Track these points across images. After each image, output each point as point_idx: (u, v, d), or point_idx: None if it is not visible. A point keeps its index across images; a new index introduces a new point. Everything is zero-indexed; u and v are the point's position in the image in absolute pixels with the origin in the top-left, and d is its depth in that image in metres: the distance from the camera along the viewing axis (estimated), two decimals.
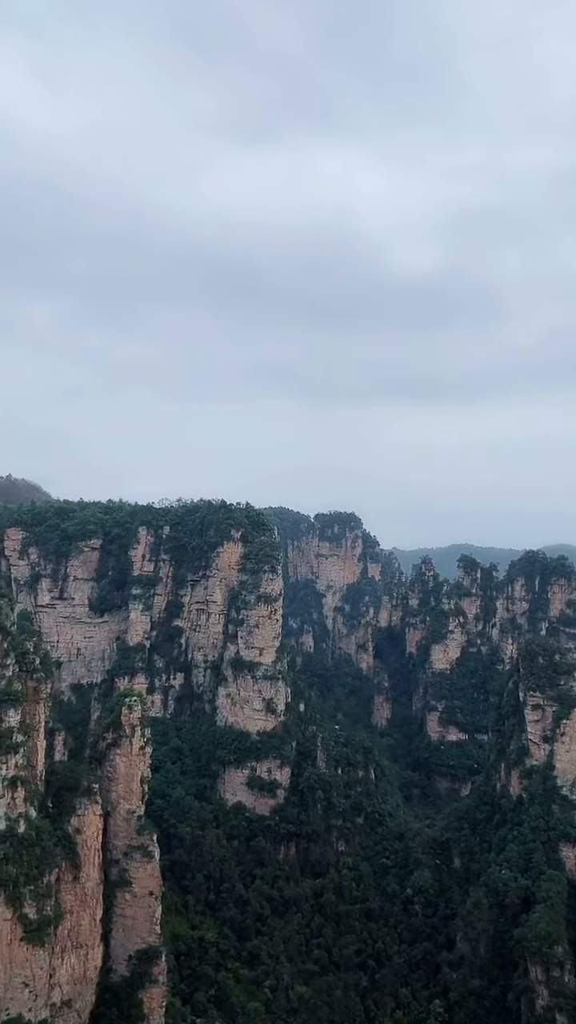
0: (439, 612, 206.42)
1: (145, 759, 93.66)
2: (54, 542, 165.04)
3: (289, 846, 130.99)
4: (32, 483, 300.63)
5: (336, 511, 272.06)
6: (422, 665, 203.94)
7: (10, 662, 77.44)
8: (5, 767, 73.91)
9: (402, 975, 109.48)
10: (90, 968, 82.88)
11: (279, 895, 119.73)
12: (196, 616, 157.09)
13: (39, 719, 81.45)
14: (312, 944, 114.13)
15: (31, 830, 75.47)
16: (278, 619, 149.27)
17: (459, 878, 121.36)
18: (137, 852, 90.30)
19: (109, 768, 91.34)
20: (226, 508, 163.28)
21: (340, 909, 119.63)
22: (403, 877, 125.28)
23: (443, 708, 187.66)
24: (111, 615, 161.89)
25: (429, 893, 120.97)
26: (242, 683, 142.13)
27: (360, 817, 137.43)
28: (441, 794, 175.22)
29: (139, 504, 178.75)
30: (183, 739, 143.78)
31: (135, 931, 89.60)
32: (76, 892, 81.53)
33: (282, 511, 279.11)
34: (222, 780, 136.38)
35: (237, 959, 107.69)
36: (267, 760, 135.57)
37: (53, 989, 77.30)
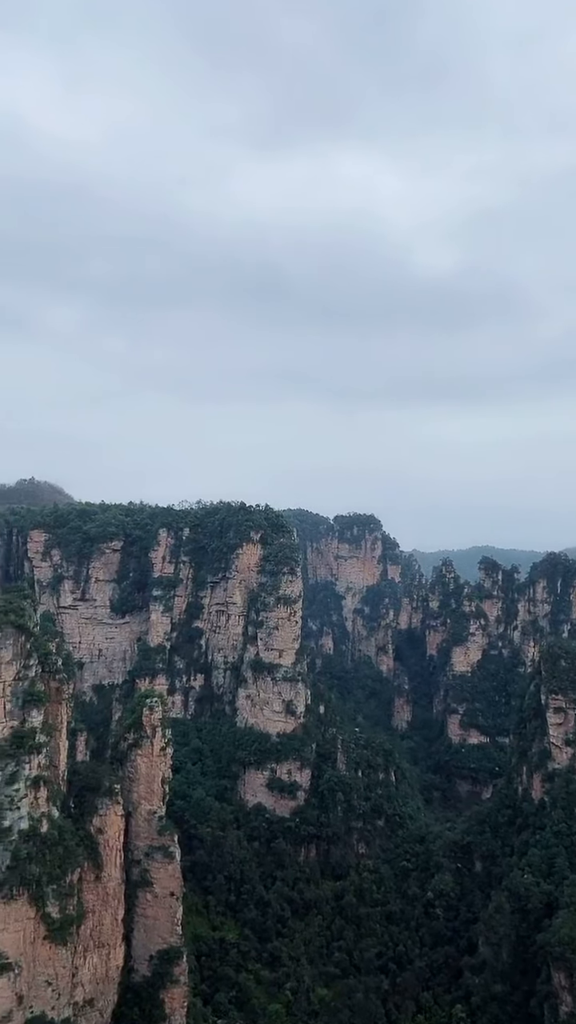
0: (460, 614, 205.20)
1: (166, 760, 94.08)
2: (76, 544, 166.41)
3: (309, 848, 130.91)
4: (54, 485, 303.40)
5: (355, 513, 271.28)
6: (443, 668, 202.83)
7: (33, 663, 78.15)
8: (28, 767, 74.59)
9: (423, 979, 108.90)
10: (112, 968, 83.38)
11: (299, 897, 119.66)
12: (216, 618, 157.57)
13: (61, 719, 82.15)
14: (333, 947, 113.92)
15: (54, 830, 76.15)
16: (297, 621, 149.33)
17: (480, 882, 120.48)
18: (158, 853, 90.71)
19: (130, 768, 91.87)
20: (245, 510, 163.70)
21: (361, 912, 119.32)
22: (424, 880, 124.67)
23: (464, 711, 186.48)
24: (132, 616, 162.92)
25: (450, 897, 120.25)
26: (262, 685, 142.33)
27: (380, 820, 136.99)
28: (462, 797, 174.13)
29: (159, 506, 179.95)
30: (203, 740, 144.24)
31: (156, 931, 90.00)
32: (98, 892, 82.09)
33: (301, 513, 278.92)
34: (242, 781, 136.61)
35: (258, 960, 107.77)
36: (287, 762, 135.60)
37: (76, 988, 77.88)
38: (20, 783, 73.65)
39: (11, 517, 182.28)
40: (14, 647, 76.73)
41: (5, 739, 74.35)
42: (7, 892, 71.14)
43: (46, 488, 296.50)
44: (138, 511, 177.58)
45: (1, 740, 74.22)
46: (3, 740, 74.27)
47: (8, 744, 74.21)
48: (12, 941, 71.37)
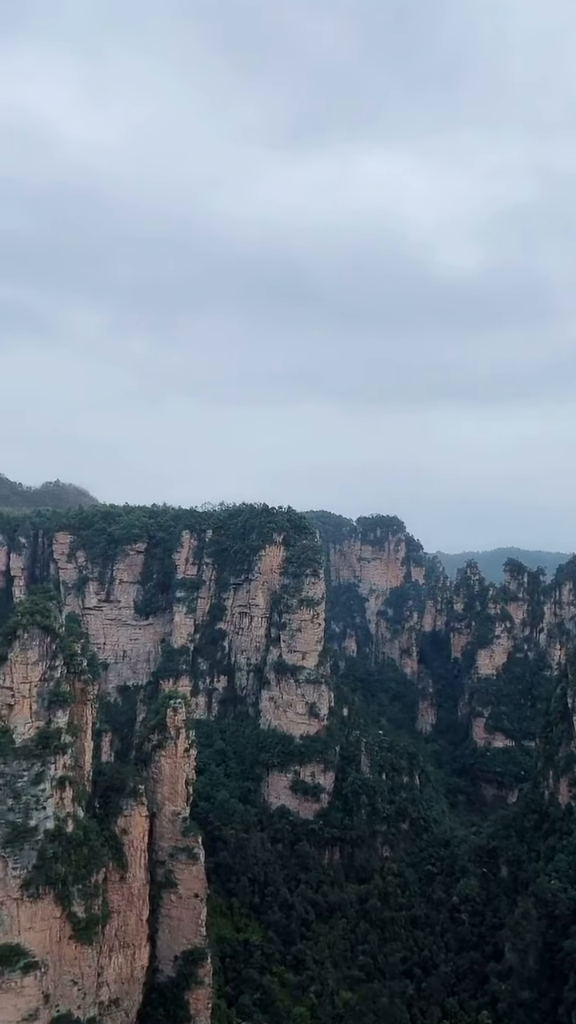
0: (485, 617, 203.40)
1: (190, 761, 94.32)
2: (101, 546, 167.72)
3: (333, 851, 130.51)
4: (79, 488, 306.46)
5: (378, 514, 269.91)
6: (467, 670, 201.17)
7: (59, 664, 78.79)
8: (54, 767, 75.18)
9: (449, 984, 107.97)
10: (137, 968, 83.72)
11: (324, 900, 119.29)
12: (239, 619, 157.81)
13: (86, 720, 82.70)
14: (357, 950, 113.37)
15: (79, 830, 76.65)
16: (320, 623, 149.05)
17: (506, 887, 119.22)
18: (182, 854, 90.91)
19: (155, 769, 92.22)
20: (268, 512, 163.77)
21: (385, 915, 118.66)
22: (449, 885, 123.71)
23: (489, 714, 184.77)
24: (156, 618, 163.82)
25: (476, 902, 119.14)
26: (285, 687, 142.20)
27: (405, 823, 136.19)
28: (487, 801, 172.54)
29: (182, 508, 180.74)
30: (227, 742, 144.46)
31: (181, 932, 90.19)
32: (123, 892, 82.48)
33: (324, 515, 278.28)
34: (266, 783, 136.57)
35: (282, 963, 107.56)
36: (311, 764, 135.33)
37: (101, 987, 78.28)
38: (46, 783, 74.27)
39: (37, 519, 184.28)
40: (40, 648, 77.44)
41: (31, 739, 75.01)
42: (33, 891, 71.74)
43: (71, 490, 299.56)
44: (161, 513, 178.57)
45: (27, 740, 74.90)
46: (29, 740, 74.95)
47: (34, 744, 74.86)
48: (38, 940, 71.96)
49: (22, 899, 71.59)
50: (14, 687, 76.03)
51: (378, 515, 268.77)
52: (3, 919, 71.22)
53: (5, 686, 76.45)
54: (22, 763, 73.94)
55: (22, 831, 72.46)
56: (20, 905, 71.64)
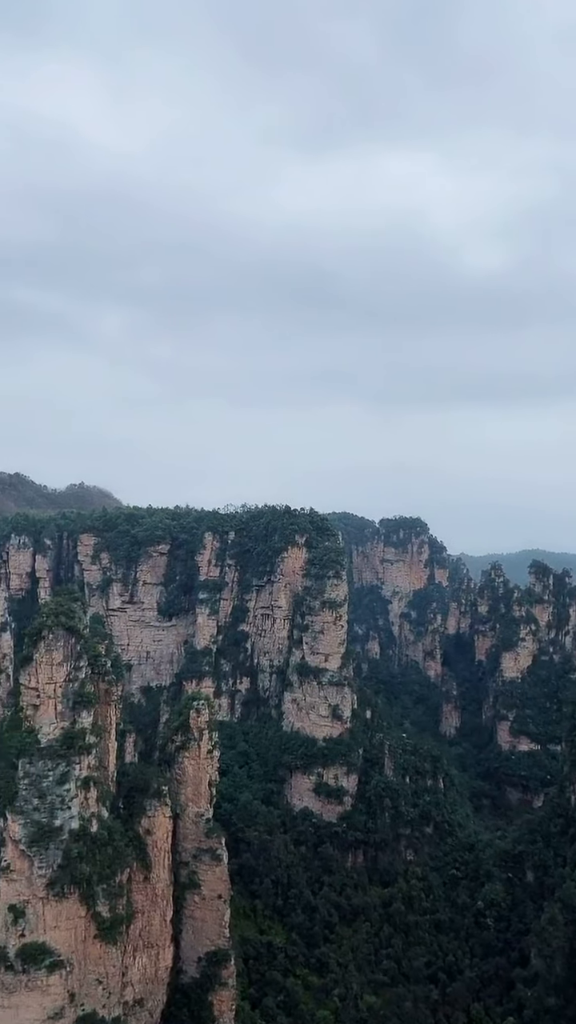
0: (510, 619, 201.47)
1: (213, 762, 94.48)
2: (124, 547, 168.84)
3: (356, 854, 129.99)
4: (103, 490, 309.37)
5: (401, 516, 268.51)
6: (492, 673, 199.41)
7: (83, 664, 79.35)
8: (78, 767, 75.71)
9: (474, 990, 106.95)
10: (161, 968, 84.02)
11: (347, 903, 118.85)
12: (261, 621, 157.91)
13: (111, 721, 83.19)
14: (381, 954, 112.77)
15: (103, 830, 77.10)
16: (343, 625, 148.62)
17: (532, 892, 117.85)
18: (206, 855, 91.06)
19: (178, 771, 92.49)
20: (290, 513, 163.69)
21: (409, 919, 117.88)
22: (474, 889, 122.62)
23: (514, 717, 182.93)
24: (179, 619, 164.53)
25: (501, 907, 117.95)
26: (308, 689, 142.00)
27: (429, 826, 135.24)
28: (512, 805, 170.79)
29: (205, 510, 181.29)
30: (250, 743, 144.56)
31: (204, 933, 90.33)
32: (147, 892, 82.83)
33: (346, 516, 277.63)
34: (289, 785, 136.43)
35: (306, 966, 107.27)
36: (334, 766, 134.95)
37: (126, 987, 78.65)
38: (71, 783, 74.83)
39: (62, 521, 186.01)
40: (65, 649, 78.06)
41: (56, 740, 75.63)
42: (59, 890, 72.32)
43: (95, 492, 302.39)
44: (184, 515, 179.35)
45: (52, 741, 75.54)
46: (54, 741, 75.58)
47: (59, 745, 75.46)
48: (64, 939, 72.52)
49: (47, 898, 72.23)
50: (39, 688, 76.74)
51: (401, 517, 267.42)
52: (29, 918, 71.93)
53: (30, 687, 77.22)
54: (47, 763, 74.59)
55: (47, 831, 73.09)
56: (46, 904, 72.29)
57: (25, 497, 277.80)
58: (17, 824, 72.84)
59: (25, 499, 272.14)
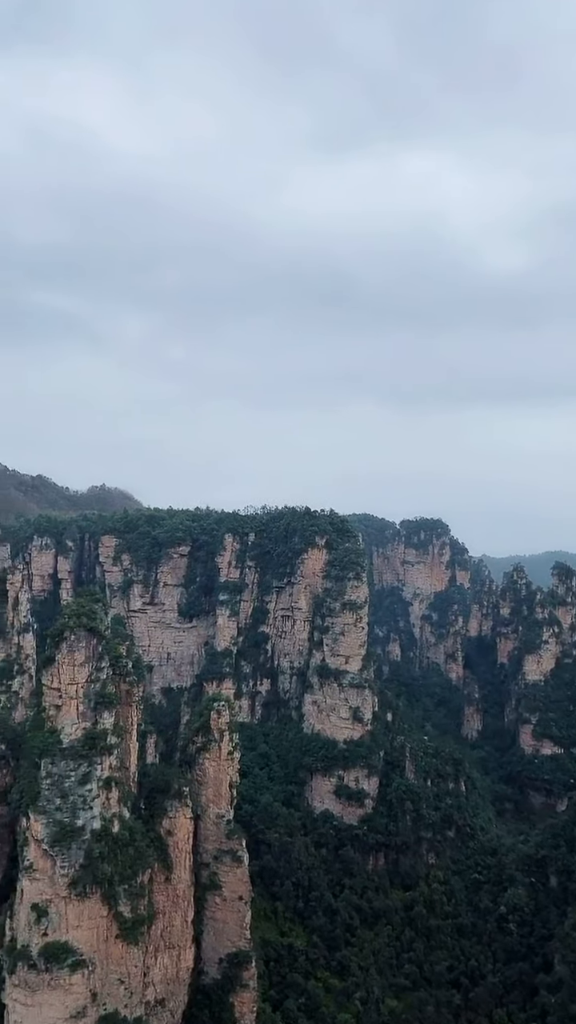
0: (532, 621, 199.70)
1: (234, 763, 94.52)
2: (145, 549, 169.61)
3: (377, 857, 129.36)
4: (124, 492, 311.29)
5: (422, 517, 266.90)
6: (514, 676, 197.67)
7: (104, 665, 79.70)
8: (100, 768, 76.05)
9: (497, 995, 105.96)
10: (182, 969, 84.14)
11: (368, 906, 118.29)
12: (281, 623, 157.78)
13: (132, 721, 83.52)
14: (403, 958, 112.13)
15: (125, 830, 77.33)
16: (364, 627, 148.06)
17: (556, 898, 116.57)
18: (227, 856, 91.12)
19: (199, 772, 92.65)
20: (310, 515, 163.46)
21: (431, 923, 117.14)
22: (496, 894, 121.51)
23: (537, 720, 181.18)
24: (199, 620, 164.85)
25: (524, 912, 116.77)
26: (328, 691, 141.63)
27: (451, 830, 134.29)
28: (535, 809, 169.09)
29: (225, 511, 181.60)
30: (270, 745, 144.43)
31: (225, 935, 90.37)
32: (168, 893, 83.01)
33: (367, 517, 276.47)
34: (309, 788, 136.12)
35: (327, 968, 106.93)
36: (355, 769, 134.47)
37: (147, 987, 78.86)
38: (92, 783, 75.20)
39: (83, 523, 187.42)
40: (86, 650, 78.51)
41: (78, 740, 76.06)
42: (81, 890, 72.66)
43: (116, 494, 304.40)
44: (204, 516, 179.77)
45: (74, 741, 75.97)
46: (76, 741, 76.00)
47: (81, 745, 75.87)
48: (86, 938, 72.85)
49: (70, 897, 72.60)
50: (61, 688, 77.24)
51: (422, 518, 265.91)
52: (52, 917, 72.33)
53: (52, 687, 77.75)
54: (69, 763, 75.02)
55: (69, 830, 73.49)
56: (68, 903, 72.67)
57: (47, 499, 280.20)
58: (40, 824, 73.32)
59: (47, 501, 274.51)
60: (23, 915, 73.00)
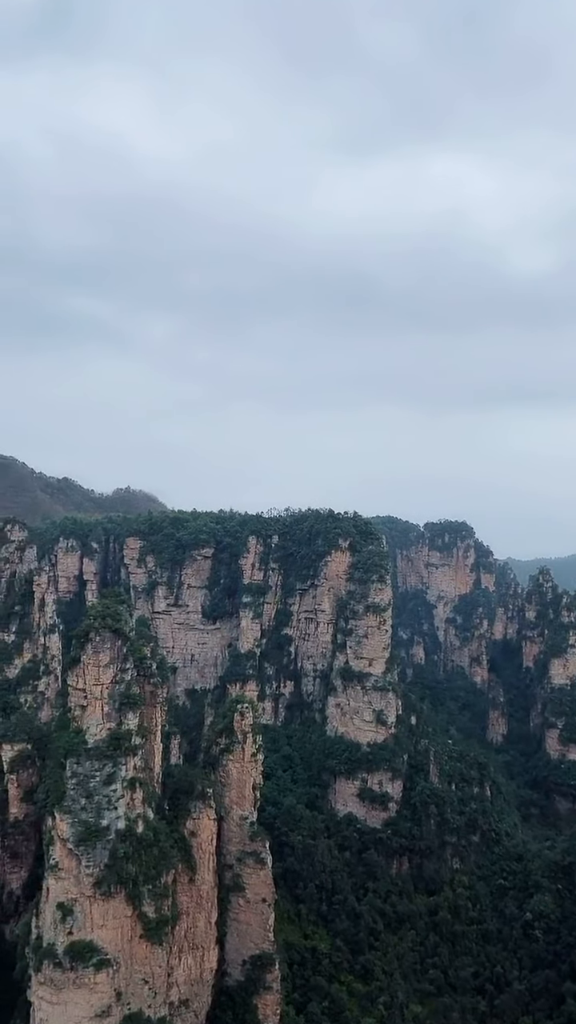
0: (559, 625, 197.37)
1: (257, 765, 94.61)
2: (169, 551, 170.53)
3: (401, 861, 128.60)
4: (149, 494, 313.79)
5: (446, 520, 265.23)
6: (540, 680, 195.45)
7: (129, 666, 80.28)
8: (125, 768, 76.56)
9: (523, 1003, 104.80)
10: (206, 970, 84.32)
11: (392, 910, 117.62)
12: (305, 625, 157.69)
13: (156, 723, 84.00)
14: (427, 963, 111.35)
15: (149, 831, 77.76)
16: (387, 629, 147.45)
17: None
18: (250, 858, 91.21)
19: (222, 773, 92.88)
20: (334, 517, 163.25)
21: (456, 929, 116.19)
22: (522, 900, 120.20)
23: (563, 725, 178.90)
24: (223, 622, 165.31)
25: (551, 919, 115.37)
26: (352, 693, 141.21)
27: (476, 835, 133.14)
28: (562, 815, 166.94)
29: (249, 514, 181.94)
30: (294, 747, 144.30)
31: (249, 936, 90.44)
32: (192, 894, 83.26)
33: (390, 520, 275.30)
34: (333, 790, 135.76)
35: (350, 972, 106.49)
36: (378, 772, 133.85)
37: (171, 988, 79.14)
38: (117, 784, 75.72)
39: (108, 525, 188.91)
40: (111, 651, 79.16)
41: (103, 740, 76.66)
42: (105, 889, 73.18)
43: (141, 497, 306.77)
44: (228, 519, 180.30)
45: (99, 741, 76.59)
46: (101, 741, 76.61)
47: (106, 746, 76.47)
48: (111, 938, 73.34)
49: (95, 897, 73.16)
50: (86, 689, 77.93)
51: (446, 520, 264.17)
52: (76, 916, 72.93)
53: (78, 688, 78.48)
54: (94, 763, 75.65)
55: (94, 830, 74.07)
56: (93, 903, 73.23)
57: (73, 501, 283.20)
58: (65, 823, 73.99)
59: (73, 503, 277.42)
60: (49, 914, 73.71)
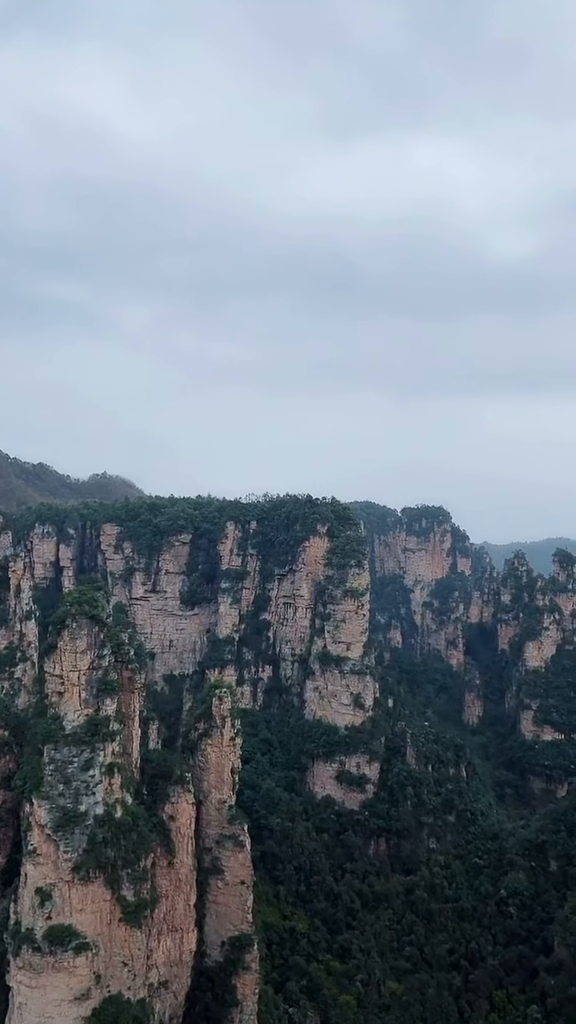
0: (533, 608, 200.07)
1: (235, 750, 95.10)
2: (147, 537, 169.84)
3: (379, 841, 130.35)
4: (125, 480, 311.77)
5: (424, 505, 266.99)
6: (515, 662, 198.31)
7: (106, 653, 79.98)
8: (103, 754, 76.54)
9: (497, 977, 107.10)
10: (185, 952, 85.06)
11: (369, 890, 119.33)
12: (283, 610, 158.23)
13: (134, 708, 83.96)
14: (404, 941, 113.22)
15: (127, 815, 77.94)
16: (365, 614, 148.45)
17: (556, 882, 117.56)
18: (229, 841, 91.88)
19: (201, 758, 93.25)
20: (312, 503, 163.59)
21: (432, 907, 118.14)
22: (496, 878, 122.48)
23: (537, 707, 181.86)
24: (201, 608, 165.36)
25: (524, 895, 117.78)
26: (330, 677, 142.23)
27: (451, 815, 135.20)
28: (536, 795, 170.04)
29: (227, 499, 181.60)
30: (272, 731, 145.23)
31: (228, 918, 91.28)
32: (171, 877, 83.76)
33: (368, 505, 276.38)
34: (311, 773, 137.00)
35: (328, 951, 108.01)
36: (356, 755, 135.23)
37: (151, 970, 79.70)
38: (95, 769, 75.71)
39: (84, 511, 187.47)
40: (88, 637, 78.77)
41: (80, 726, 76.51)
42: (84, 874, 73.34)
43: (117, 482, 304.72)
44: (206, 504, 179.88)
45: (76, 727, 76.43)
46: (78, 727, 76.45)
47: (83, 731, 76.32)
48: (90, 922, 73.61)
49: (73, 881, 73.29)
50: (63, 675, 77.60)
51: (423, 505, 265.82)
52: (55, 901, 73.05)
53: (55, 674, 78.13)
54: (72, 749, 75.51)
55: (72, 816, 74.09)
56: (72, 887, 73.36)
57: (48, 487, 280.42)
58: (43, 809, 73.92)
59: (48, 489, 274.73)
60: (27, 899, 73.76)
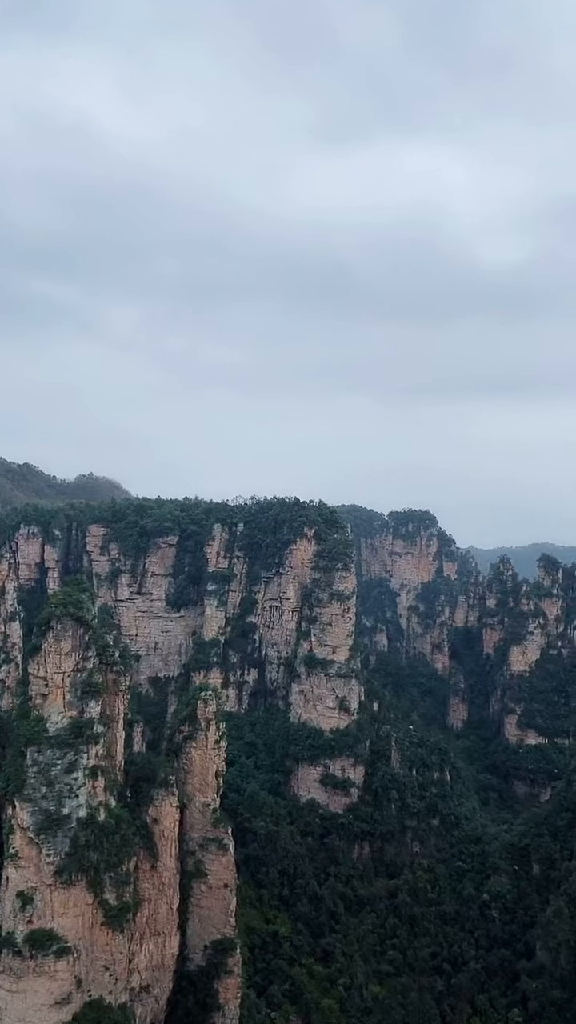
0: (518, 613, 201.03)
1: (220, 753, 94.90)
2: (133, 538, 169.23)
3: (363, 845, 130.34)
4: (112, 481, 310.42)
5: (411, 509, 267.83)
6: (500, 667, 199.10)
7: (91, 655, 79.70)
8: (86, 756, 76.20)
9: (479, 981, 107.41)
10: (167, 956, 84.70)
11: (353, 894, 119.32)
12: (269, 613, 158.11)
13: (118, 711, 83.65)
14: (386, 944, 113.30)
15: (111, 818, 77.60)
16: (351, 617, 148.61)
17: (538, 885, 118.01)
18: (212, 844, 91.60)
19: (185, 761, 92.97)
20: (299, 506, 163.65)
21: (415, 911, 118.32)
22: (479, 882, 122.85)
23: (522, 711, 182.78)
24: (187, 610, 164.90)
25: (507, 899, 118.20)
26: (315, 680, 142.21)
27: (435, 819, 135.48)
28: (519, 799, 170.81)
29: (214, 502, 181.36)
30: (257, 734, 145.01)
31: (211, 922, 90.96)
32: (154, 881, 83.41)
33: (355, 509, 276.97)
34: (295, 776, 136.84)
35: (311, 955, 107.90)
36: (340, 758, 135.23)
37: (132, 974, 79.27)
38: (79, 772, 75.36)
39: (70, 512, 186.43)
40: (73, 639, 78.49)
41: (64, 729, 76.14)
42: (66, 878, 72.95)
43: (104, 484, 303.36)
44: (193, 506, 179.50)
45: (60, 730, 76.05)
46: (62, 730, 76.08)
47: (67, 734, 75.97)
48: (72, 925, 73.19)
49: (55, 885, 72.90)
50: (48, 677, 77.24)
51: (410, 509, 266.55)
52: (37, 904, 72.60)
53: (39, 676, 77.73)
54: (55, 752, 75.14)
55: (55, 819, 73.71)
56: (53, 891, 72.95)
57: (34, 487, 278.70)
58: (25, 812, 73.45)
59: (34, 490, 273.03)
60: (8, 902, 73.22)
